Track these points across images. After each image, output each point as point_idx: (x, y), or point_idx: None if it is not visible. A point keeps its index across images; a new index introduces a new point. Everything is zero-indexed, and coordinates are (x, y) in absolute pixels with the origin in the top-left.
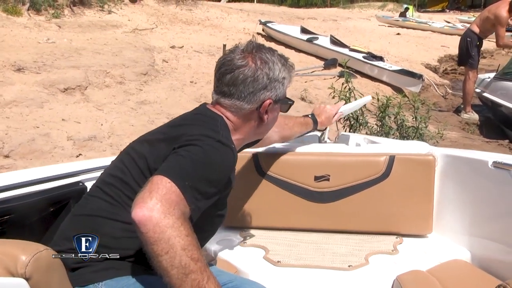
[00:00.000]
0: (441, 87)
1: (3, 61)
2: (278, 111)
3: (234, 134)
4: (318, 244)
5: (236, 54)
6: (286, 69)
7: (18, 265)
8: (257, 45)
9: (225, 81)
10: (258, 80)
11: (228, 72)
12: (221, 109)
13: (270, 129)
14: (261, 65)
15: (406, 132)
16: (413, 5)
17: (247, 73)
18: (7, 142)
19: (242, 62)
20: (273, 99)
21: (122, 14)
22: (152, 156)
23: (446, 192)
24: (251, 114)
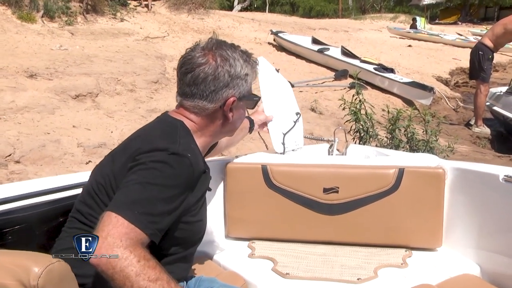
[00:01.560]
0: (452, 100)
1: (16, 67)
2: (244, 108)
3: (199, 135)
4: (326, 256)
5: (196, 52)
6: (248, 65)
7: (31, 277)
8: (218, 42)
9: (186, 81)
10: (219, 78)
11: (189, 71)
12: (184, 112)
13: (239, 126)
14: (222, 62)
15: (416, 145)
16: (425, 17)
17: (208, 71)
18: (18, 147)
19: (202, 60)
20: (236, 96)
21: (134, 22)
22: (113, 174)
23: (456, 206)
24: (215, 113)
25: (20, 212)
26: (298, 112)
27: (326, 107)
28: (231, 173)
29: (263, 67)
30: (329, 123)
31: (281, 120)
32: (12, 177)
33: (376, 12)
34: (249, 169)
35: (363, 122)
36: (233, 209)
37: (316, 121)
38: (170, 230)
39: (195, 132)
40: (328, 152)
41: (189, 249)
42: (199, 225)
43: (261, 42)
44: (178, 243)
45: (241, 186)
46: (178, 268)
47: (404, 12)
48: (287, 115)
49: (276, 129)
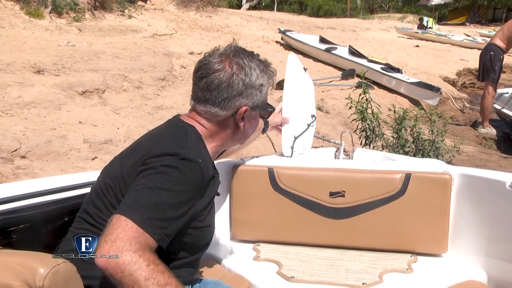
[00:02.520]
0: (459, 100)
1: (24, 62)
2: (258, 118)
3: (210, 141)
4: (332, 260)
5: (213, 57)
6: (265, 75)
7: (37, 277)
8: (236, 49)
9: (200, 86)
10: (233, 86)
11: (204, 76)
12: (196, 117)
13: (251, 135)
14: (237, 70)
15: (422, 145)
16: (433, 18)
17: (222, 78)
18: (24, 143)
19: (218, 66)
20: (249, 106)
21: (142, 19)
22: (122, 176)
23: (462, 212)
24: (226, 120)
25: (26, 211)
26: (314, 115)
27: (332, 106)
28: (238, 175)
29: (292, 63)
30: (336, 122)
31: (296, 121)
32: (18, 172)
33: (384, 12)
34: (256, 171)
35: (370, 122)
36: (238, 211)
37: (322, 120)
38: (178, 235)
39: (206, 137)
40: (335, 155)
41: (196, 254)
42: (207, 230)
43: (268, 41)
44: (186, 248)
45: (247, 189)
46: (185, 272)
47: (412, 12)
48: (303, 117)
49: (288, 131)
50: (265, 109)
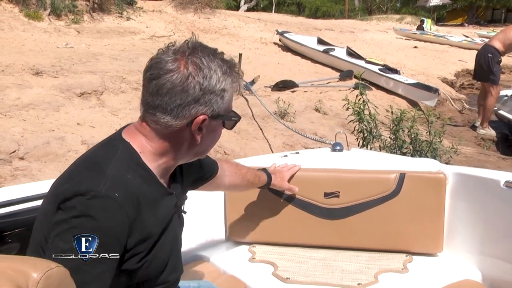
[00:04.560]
0: (457, 101)
1: (23, 64)
2: (220, 129)
3: (157, 158)
4: (327, 261)
5: (167, 55)
6: (228, 78)
7: (30, 282)
8: (194, 46)
9: (149, 89)
10: (188, 90)
11: (154, 77)
12: (143, 129)
13: (211, 147)
14: (194, 72)
15: (419, 146)
16: (431, 19)
17: (175, 80)
18: (22, 144)
19: (171, 66)
20: (208, 114)
21: (140, 21)
22: (44, 216)
23: (457, 211)
24: (181, 131)
25: (22, 215)
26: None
27: (330, 107)
28: None
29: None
30: (333, 123)
31: None
32: (16, 173)
33: (383, 13)
34: None
35: (367, 123)
36: (233, 212)
37: (320, 121)
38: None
39: (152, 154)
40: (329, 156)
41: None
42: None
43: (266, 42)
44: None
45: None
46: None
47: (410, 13)
48: None
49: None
50: (228, 118)
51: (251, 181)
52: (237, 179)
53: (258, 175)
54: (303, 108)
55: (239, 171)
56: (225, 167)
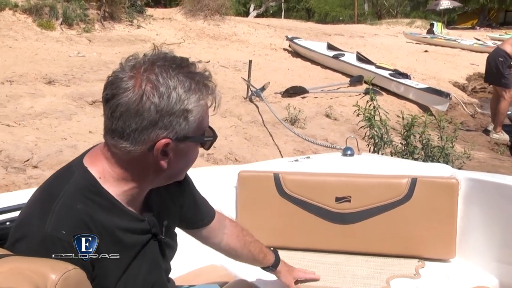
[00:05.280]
0: (469, 106)
1: (35, 73)
2: (194, 149)
3: (122, 184)
4: (338, 265)
5: (123, 72)
6: (193, 95)
7: (48, 283)
8: (152, 59)
9: (105, 111)
10: (143, 113)
11: (109, 98)
12: (105, 152)
13: (186, 169)
14: (149, 91)
15: (431, 151)
16: (442, 22)
17: (129, 101)
18: (36, 152)
19: (125, 85)
20: (171, 138)
21: (150, 29)
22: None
23: (470, 216)
24: (143, 157)
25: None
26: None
27: (341, 113)
28: (243, 181)
29: None
30: (344, 129)
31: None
32: (30, 181)
33: (392, 17)
34: (261, 177)
35: (377, 129)
36: (244, 217)
37: (330, 127)
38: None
39: (115, 180)
40: (340, 160)
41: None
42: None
43: (276, 48)
44: None
45: (253, 194)
46: None
47: (420, 17)
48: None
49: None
50: (199, 140)
51: (253, 254)
52: (237, 243)
53: (265, 252)
54: (313, 114)
55: (242, 236)
56: (227, 225)
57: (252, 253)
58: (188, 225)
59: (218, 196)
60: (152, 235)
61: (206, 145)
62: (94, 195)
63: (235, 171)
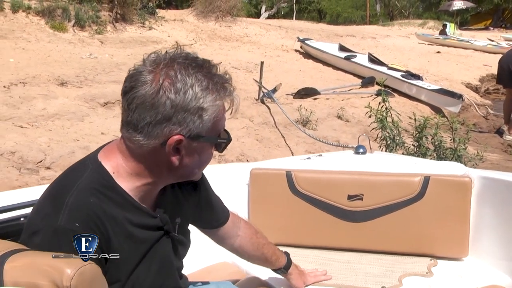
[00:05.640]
0: (482, 107)
1: (48, 75)
2: (206, 150)
3: (135, 179)
4: (350, 263)
5: (143, 66)
6: (210, 95)
7: (64, 278)
8: (174, 56)
9: (123, 103)
10: (158, 107)
11: (127, 90)
12: (121, 147)
13: (200, 170)
14: (166, 86)
15: (443, 153)
16: (454, 23)
17: (146, 94)
18: (49, 154)
19: (144, 79)
20: (184, 135)
21: (162, 31)
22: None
23: (483, 215)
24: (155, 152)
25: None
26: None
27: (352, 114)
28: (255, 179)
29: None
30: (356, 131)
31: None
32: (43, 183)
33: (404, 18)
34: (274, 174)
35: (390, 130)
36: (256, 214)
37: (342, 129)
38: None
39: (128, 174)
40: (352, 158)
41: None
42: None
43: (288, 50)
44: None
45: (265, 192)
46: None
47: (433, 18)
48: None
49: None
50: (212, 140)
51: (266, 256)
52: (250, 246)
53: (277, 254)
54: (325, 116)
55: (256, 238)
56: (241, 226)
57: (265, 255)
58: (202, 225)
59: (231, 194)
60: (165, 232)
61: (220, 147)
62: (107, 189)
63: (247, 168)
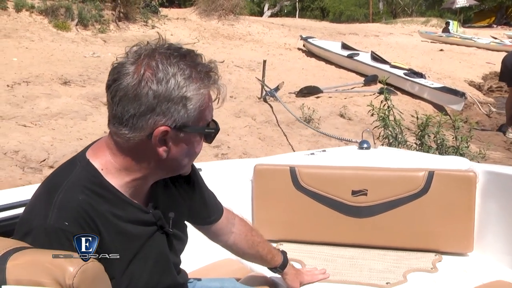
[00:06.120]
0: (485, 105)
1: (51, 74)
2: (196, 141)
3: (124, 174)
4: (355, 259)
5: (126, 58)
6: (192, 84)
7: (66, 276)
8: (156, 46)
9: (107, 97)
10: (141, 98)
11: (110, 82)
12: (109, 143)
13: (190, 162)
14: (148, 76)
15: (446, 151)
16: (457, 20)
17: (128, 86)
18: (52, 153)
19: (128, 69)
20: (169, 125)
21: (165, 29)
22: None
23: (488, 210)
24: (142, 144)
25: None
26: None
27: (355, 112)
28: (259, 174)
29: None
30: (358, 129)
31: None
32: None
33: (407, 16)
34: (277, 170)
35: (392, 128)
36: (260, 210)
37: (345, 127)
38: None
39: (117, 170)
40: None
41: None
42: (137, 281)
43: (290, 48)
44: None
45: (268, 188)
46: None
47: (436, 16)
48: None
49: None
50: (199, 130)
51: (261, 254)
52: (245, 243)
53: (273, 253)
54: (327, 114)
55: (251, 236)
56: (236, 223)
57: (260, 253)
58: (196, 221)
59: (234, 189)
60: (158, 227)
61: (208, 138)
62: (96, 186)
63: (251, 164)
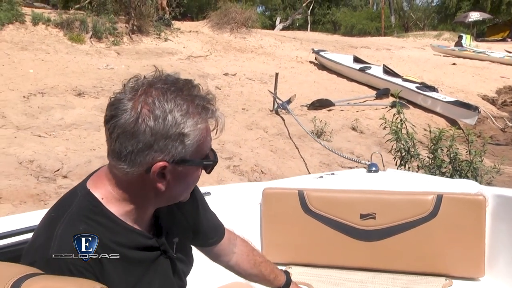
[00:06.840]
0: (499, 119)
1: (66, 86)
2: (191, 174)
3: (124, 204)
4: (364, 283)
5: (123, 93)
6: (190, 119)
7: None
8: (152, 81)
9: (106, 132)
10: (138, 136)
11: (108, 119)
12: (108, 174)
13: (188, 192)
14: (144, 113)
15: (459, 166)
16: (470, 34)
17: (125, 123)
18: (66, 163)
19: (123, 107)
20: (167, 161)
21: (177, 42)
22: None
23: (499, 234)
24: (141, 178)
25: None
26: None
27: (367, 126)
28: (268, 198)
29: None
30: (370, 142)
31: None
32: (60, 191)
33: (419, 29)
34: (286, 194)
35: (404, 142)
36: (269, 233)
37: (357, 140)
38: None
39: (117, 200)
40: (365, 177)
41: None
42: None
43: (302, 61)
44: None
45: (277, 211)
46: None
47: (448, 29)
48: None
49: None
50: (198, 163)
51: (264, 274)
52: (247, 264)
53: (276, 272)
54: (339, 127)
55: (253, 256)
56: (237, 244)
57: (262, 273)
58: (198, 242)
59: (243, 213)
60: (162, 251)
61: (207, 169)
62: (97, 215)
63: (259, 188)
